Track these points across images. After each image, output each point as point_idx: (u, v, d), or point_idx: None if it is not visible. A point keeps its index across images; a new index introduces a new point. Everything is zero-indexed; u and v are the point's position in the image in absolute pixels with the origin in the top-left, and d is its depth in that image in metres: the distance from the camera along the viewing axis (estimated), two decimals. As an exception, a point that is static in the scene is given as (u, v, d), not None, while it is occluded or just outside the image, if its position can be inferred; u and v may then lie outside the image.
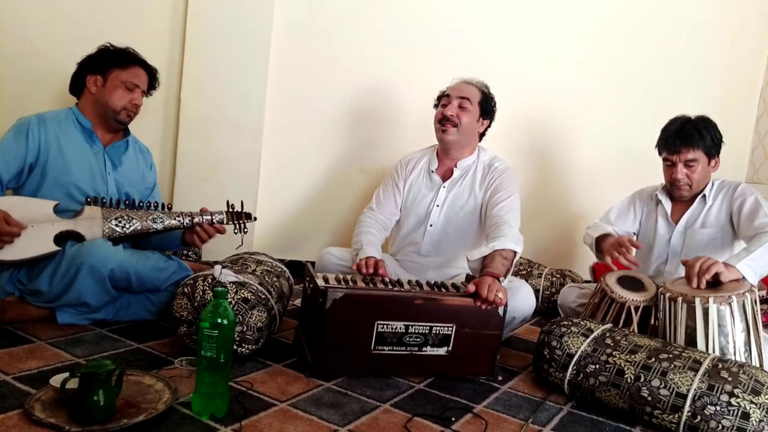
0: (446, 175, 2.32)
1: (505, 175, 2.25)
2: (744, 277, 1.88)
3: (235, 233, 2.20)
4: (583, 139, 3.20)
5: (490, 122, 2.34)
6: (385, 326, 1.70)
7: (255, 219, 2.27)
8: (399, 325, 1.71)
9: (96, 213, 2.00)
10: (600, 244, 2.30)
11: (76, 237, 1.95)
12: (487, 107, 2.29)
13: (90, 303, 1.93)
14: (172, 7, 2.72)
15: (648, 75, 3.18)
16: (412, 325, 1.72)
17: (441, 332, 1.74)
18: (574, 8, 3.12)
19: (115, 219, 2.01)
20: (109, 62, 2.09)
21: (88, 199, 2.01)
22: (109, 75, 2.09)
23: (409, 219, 2.36)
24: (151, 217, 2.06)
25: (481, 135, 2.36)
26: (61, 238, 1.93)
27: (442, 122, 2.25)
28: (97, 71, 2.09)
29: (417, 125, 3.01)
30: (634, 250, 2.18)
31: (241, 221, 2.19)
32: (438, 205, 2.30)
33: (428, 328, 1.73)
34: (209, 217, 2.13)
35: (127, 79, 2.10)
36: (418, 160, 2.40)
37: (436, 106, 2.36)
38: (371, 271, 1.89)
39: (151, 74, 2.20)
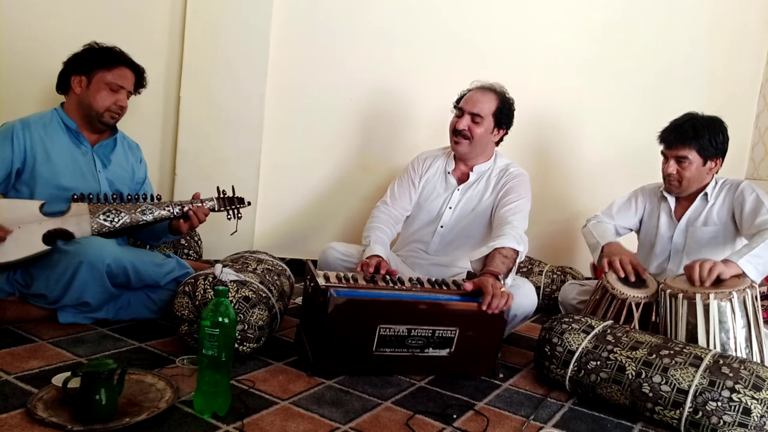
0: (462, 178, 2.33)
1: (518, 180, 2.25)
2: (744, 273, 1.88)
3: (228, 219, 2.21)
4: (584, 136, 3.20)
5: (507, 130, 2.31)
6: (387, 330, 1.68)
7: (249, 203, 2.27)
8: (402, 329, 1.69)
9: (83, 209, 1.98)
10: (604, 247, 2.27)
11: (65, 235, 1.93)
12: (503, 117, 2.25)
13: (90, 302, 1.93)
14: (171, 5, 2.72)
15: (649, 73, 3.18)
16: (414, 329, 1.70)
17: (444, 335, 1.73)
18: (576, 7, 3.11)
19: (103, 214, 2.00)
20: (93, 63, 2.05)
21: (75, 196, 1.99)
22: (94, 76, 2.05)
23: (420, 216, 2.36)
24: (139, 209, 2.05)
25: (498, 141, 2.35)
26: (50, 237, 1.91)
27: (455, 134, 2.25)
28: (81, 72, 2.05)
29: (419, 123, 3.01)
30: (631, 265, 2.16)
31: (233, 207, 2.20)
32: (451, 207, 2.30)
33: (431, 331, 1.72)
34: (199, 204, 2.14)
35: (112, 80, 2.06)
36: (435, 159, 2.40)
37: (456, 105, 2.33)
38: (371, 270, 1.88)
39: (138, 73, 2.15)
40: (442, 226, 2.31)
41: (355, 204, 3.03)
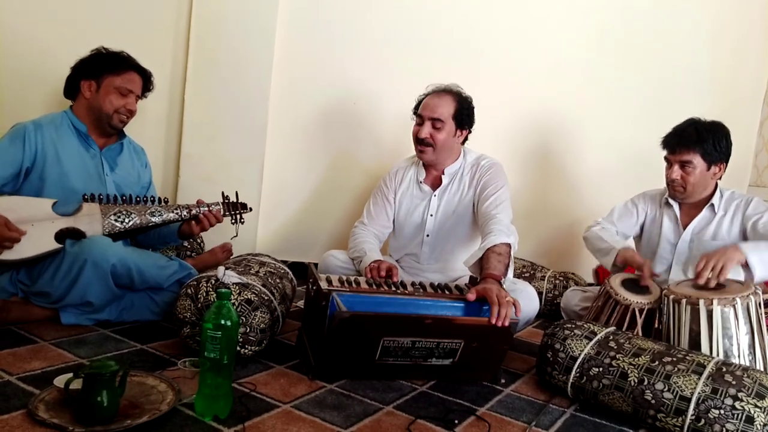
0: (435, 183, 2.32)
1: (491, 171, 2.24)
2: (747, 262, 1.91)
3: (232, 223, 2.23)
4: (587, 142, 3.19)
5: (470, 129, 2.30)
6: (391, 342, 1.66)
7: (250, 209, 2.29)
8: (406, 341, 1.67)
9: (95, 209, 2.00)
10: (621, 251, 2.25)
11: (77, 234, 1.95)
12: (463, 119, 2.23)
13: (93, 302, 1.94)
14: (176, 10, 2.74)
15: (652, 79, 3.17)
16: (419, 341, 1.68)
17: (448, 347, 1.71)
18: (577, 12, 3.12)
19: (114, 214, 2.02)
20: (102, 68, 2.08)
21: (86, 196, 2.02)
22: (103, 81, 2.08)
23: (404, 231, 2.36)
24: (149, 211, 2.07)
25: (463, 141, 2.33)
26: (62, 236, 1.93)
27: (418, 143, 2.23)
28: (90, 77, 2.09)
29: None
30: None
31: (237, 212, 2.23)
32: (432, 215, 2.30)
33: (435, 343, 1.69)
34: (206, 208, 2.16)
35: (121, 84, 2.09)
36: (405, 171, 2.39)
37: (415, 111, 2.32)
38: (383, 275, 1.87)
39: (146, 77, 2.19)
40: (428, 235, 2.30)
41: (358, 208, 3.01)
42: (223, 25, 2.77)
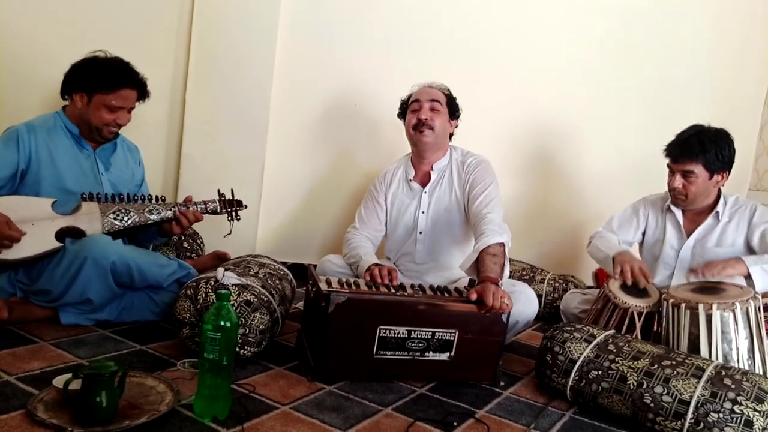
0: (424, 180, 2.33)
1: (479, 168, 2.25)
2: (750, 274, 1.97)
3: (229, 220, 2.25)
4: (587, 143, 3.19)
5: (457, 124, 2.36)
6: (387, 331, 1.69)
7: (246, 206, 2.30)
8: (401, 330, 1.70)
9: (94, 208, 2.01)
10: (615, 256, 2.25)
11: (77, 233, 1.96)
12: (454, 108, 2.32)
13: (93, 299, 1.94)
14: (178, 10, 2.73)
15: (652, 79, 3.17)
16: (414, 331, 1.71)
17: (443, 338, 1.74)
18: (577, 12, 3.12)
19: (113, 213, 2.03)
20: (94, 84, 2.02)
21: (84, 195, 2.02)
22: (94, 96, 2.03)
23: (398, 231, 2.36)
24: (147, 209, 2.08)
25: (450, 135, 2.37)
26: (62, 235, 1.94)
27: (418, 126, 2.24)
28: (82, 90, 2.04)
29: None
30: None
31: (233, 209, 2.24)
32: (423, 212, 2.30)
33: (431, 333, 1.72)
34: (203, 206, 2.17)
35: (112, 102, 2.04)
36: (394, 172, 2.40)
37: (400, 115, 2.37)
38: (386, 281, 1.87)
39: (141, 89, 2.13)
40: (420, 232, 2.31)
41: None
42: (224, 24, 2.77)
